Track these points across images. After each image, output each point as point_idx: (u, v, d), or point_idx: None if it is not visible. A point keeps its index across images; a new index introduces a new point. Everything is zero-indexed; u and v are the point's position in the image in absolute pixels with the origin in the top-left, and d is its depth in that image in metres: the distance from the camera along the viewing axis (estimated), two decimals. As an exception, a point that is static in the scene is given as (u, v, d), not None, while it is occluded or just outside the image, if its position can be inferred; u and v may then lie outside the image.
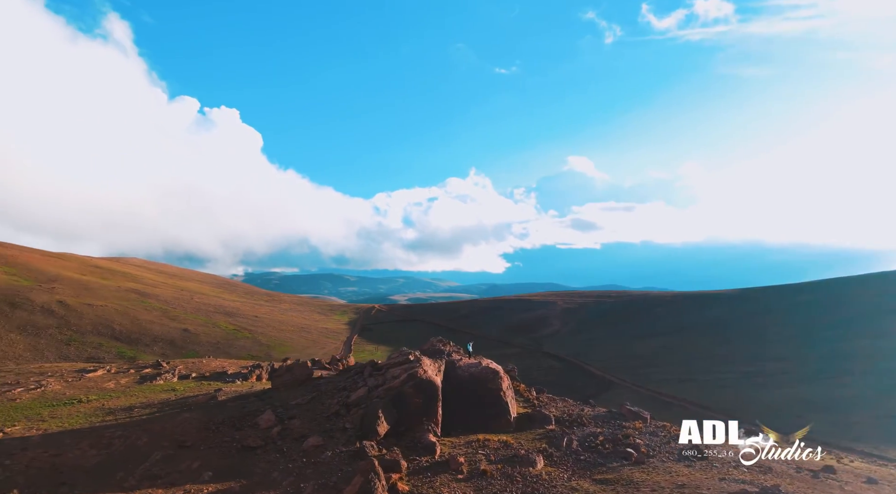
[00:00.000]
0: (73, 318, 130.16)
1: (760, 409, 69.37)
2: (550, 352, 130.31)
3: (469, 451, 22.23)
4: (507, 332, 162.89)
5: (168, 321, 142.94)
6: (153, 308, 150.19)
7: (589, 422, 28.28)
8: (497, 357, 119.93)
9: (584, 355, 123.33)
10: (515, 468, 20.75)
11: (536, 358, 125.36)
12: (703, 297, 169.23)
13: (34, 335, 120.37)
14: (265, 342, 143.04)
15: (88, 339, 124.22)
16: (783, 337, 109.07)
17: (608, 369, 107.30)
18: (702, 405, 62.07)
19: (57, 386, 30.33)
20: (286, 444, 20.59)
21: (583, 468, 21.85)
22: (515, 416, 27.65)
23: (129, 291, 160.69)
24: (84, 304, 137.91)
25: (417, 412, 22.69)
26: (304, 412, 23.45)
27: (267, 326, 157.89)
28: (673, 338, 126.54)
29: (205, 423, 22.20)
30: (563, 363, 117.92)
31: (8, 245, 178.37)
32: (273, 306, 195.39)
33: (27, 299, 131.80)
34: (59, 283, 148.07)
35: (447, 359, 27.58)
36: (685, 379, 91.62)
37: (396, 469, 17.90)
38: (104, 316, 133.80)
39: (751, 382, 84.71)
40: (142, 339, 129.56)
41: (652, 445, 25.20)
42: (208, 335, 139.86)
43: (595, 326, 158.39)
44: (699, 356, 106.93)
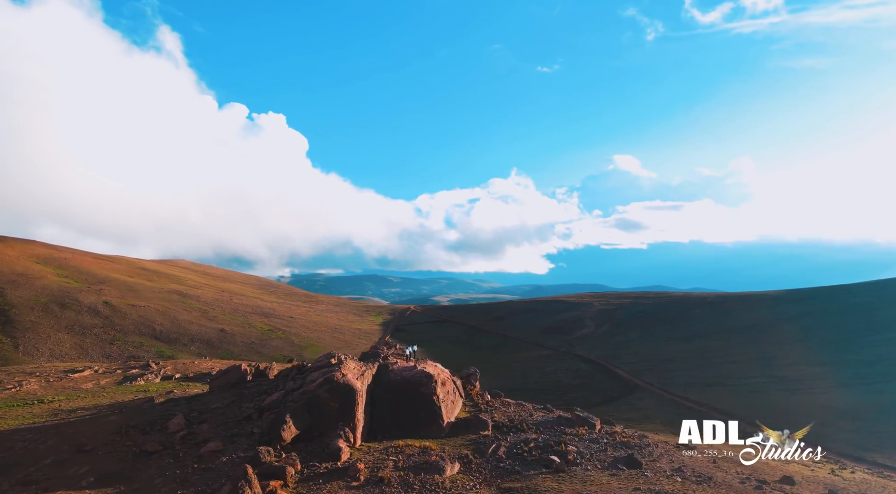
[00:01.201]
0: (118, 318, 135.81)
1: (783, 415, 65.82)
2: (581, 354, 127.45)
3: (381, 457, 21.87)
4: (541, 333, 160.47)
5: (206, 322, 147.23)
6: (193, 309, 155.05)
7: (530, 428, 27.58)
8: (527, 360, 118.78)
9: (614, 357, 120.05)
10: (420, 475, 20.30)
11: (566, 360, 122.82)
12: (746, 298, 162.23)
13: (80, 334, 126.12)
14: (298, 342, 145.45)
15: (130, 338, 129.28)
16: (827, 341, 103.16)
17: (636, 372, 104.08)
18: (721, 410, 59.09)
19: (34, 386, 31.42)
20: (184, 449, 20.51)
21: (496, 475, 21.32)
22: (452, 421, 27.09)
23: (172, 292, 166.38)
24: (128, 304, 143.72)
25: (334, 417, 22.21)
26: (217, 417, 23.36)
27: (301, 326, 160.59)
28: (710, 341, 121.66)
29: (119, 426, 22.42)
30: (592, 365, 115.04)
31: (61, 248, 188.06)
32: (309, 307, 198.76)
33: (76, 300, 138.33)
34: (106, 285, 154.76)
35: (380, 363, 26.92)
36: (714, 383, 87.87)
37: (280, 475, 17.50)
38: (146, 316, 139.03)
39: (781, 387, 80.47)
40: (180, 339, 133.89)
41: (585, 452, 24.47)
42: (244, 335, 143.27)
43: (630, 328, 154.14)
44: (734, 359, 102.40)
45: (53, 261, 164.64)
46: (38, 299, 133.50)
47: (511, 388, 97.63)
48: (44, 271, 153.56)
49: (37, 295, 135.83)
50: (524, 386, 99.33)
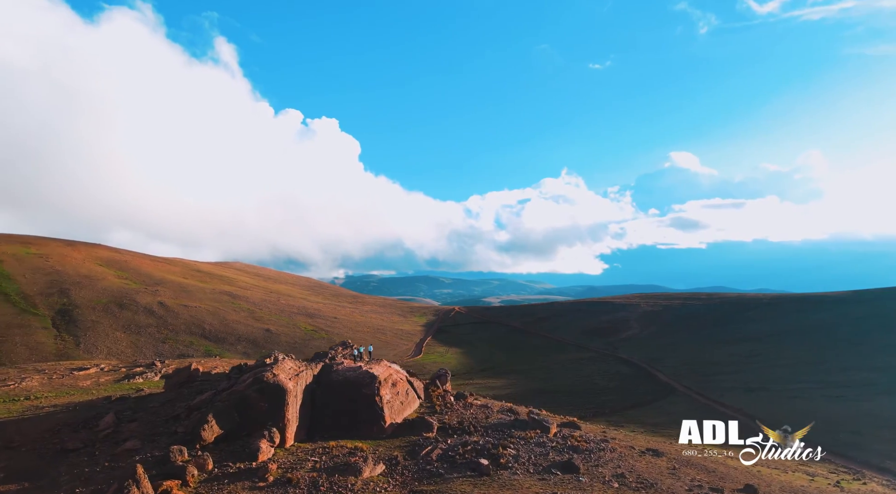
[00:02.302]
0: (171, 318, 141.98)
1: (818, 422, 61.32)
2: (622, 357, 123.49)
3: (303, 458, 22.10)
4: (584, 335, 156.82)
5: (253, 322, 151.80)
6: (241, 309, 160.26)
7: (478, 431, 27.25)
8: (566, 361, 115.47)
9: (656, 360, 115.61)
10: (334, 476, 20.26)
11: (605, 363, 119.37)
12: (806, 299, 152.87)
13: (136, 333, 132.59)
14: (339, 342, 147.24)
15: (181, 338, 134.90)
16: (889, 345, 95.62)
17: (677, 375, 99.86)
18: (752, 416, 55.51)
19: (34, 383, 33.14)
20: (103, 447, 20.88)
21: (417, 478, 21.21)
22: (398, 422, 27.01)
23: (222, 293, 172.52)
24: (181, 305, 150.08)
25: (263, 417, 22.18)
26: (148, 415, 23.70)
27: (344, 327, 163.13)
28: (761, 344, 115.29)
29: (56, 424, 23.05)
30: (632, 368, 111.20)
31: (123, 251, 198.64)
32: (354, 308, 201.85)
33: (133, 300, 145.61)
34: (162, 286, 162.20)
35: (325, 363, 26.66)
36: (756, 389, 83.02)
37: (179, 475, 17.40)
38: (197, 316, 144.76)
39: (826, 393, 75.13)
40: (227, 338, 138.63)
41: (523, 456, 24.08)
42: (288, 335, 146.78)
43: (677, 330, 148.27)
44: (783, 363, 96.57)
45: (115, 263, 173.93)
46: (100, 300, 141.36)
47: (543, 390, 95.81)
48: (106, 273, 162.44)
49: (98, 296, 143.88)
50: (557, 388, 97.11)
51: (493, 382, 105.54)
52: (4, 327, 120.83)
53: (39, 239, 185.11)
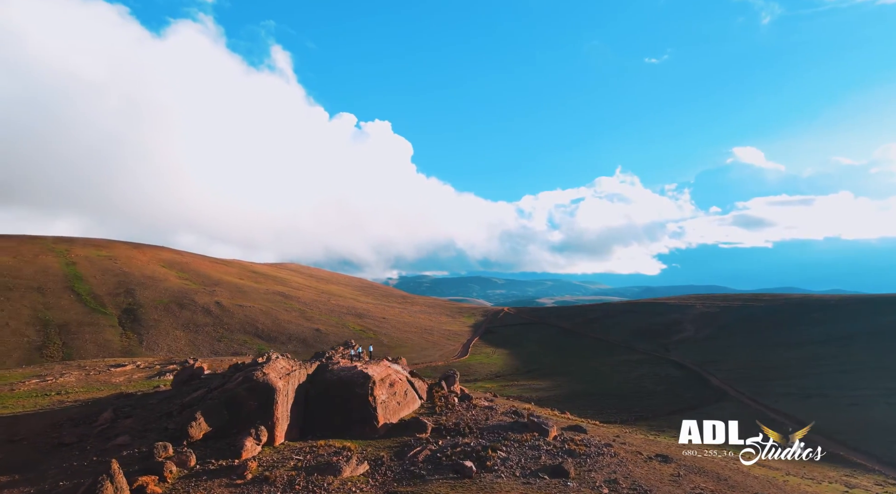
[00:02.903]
0: (226, 317, 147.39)
1: (871, 431, 57.41)
2: (674, 359, 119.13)
3: (288, 456, 22.45)
4: (635, 336, 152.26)
5: (304, 322, 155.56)
6: (293, 309, 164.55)
7: (473, 432, 26.96)
8: (615, 364, 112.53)
9: (710, 363, 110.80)
10: (313, 475, 20.41)
11: (656, 365, 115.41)
12: (878, 301, 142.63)
13: (194, 331, 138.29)
14: (387, 342, 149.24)
15: (236, 336, 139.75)
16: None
17: (731, 379, 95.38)
18: (801, 423, 52.02)
19: (71, 379, 34.96)
20: (95, 442, 21.50)
21: (397, 479, 21.21)
22: (393, 423, 27.07)
23: (276, 293, 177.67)
24: (236, 305, 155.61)
25: (252, 415, 22.42)
26: (145, 412, 24.26)
27: (392, 327, 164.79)
28: (823, 348, 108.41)
29: (61, 419, 23.91)
30: (683, 371, 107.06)
31: (184, 253, 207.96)
32: (403, 308, 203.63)
33: (192, 300, 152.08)
34: (219, 286, 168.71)
35: (321, 362, 26.53)
36: (813, 395, 78.15)
37: (157, 471, 17.86)
38: (251, 316, 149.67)
39: (890, 401, 69.63)
40: (279, 337, 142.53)
41: (512, 459, 23.78)
42: (336, 334, 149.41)
43: (734, 332, 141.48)
44: (846, 369, 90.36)
45: (177, 265, 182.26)
46: (161, 300, 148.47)
47: (589, 393, 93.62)
48: (168, 274, 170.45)
49: (160, 296, 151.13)
50: (603, 391, 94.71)
51: (538, 383, 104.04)
52: (76, 325, 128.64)
53: (109, 242, 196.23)
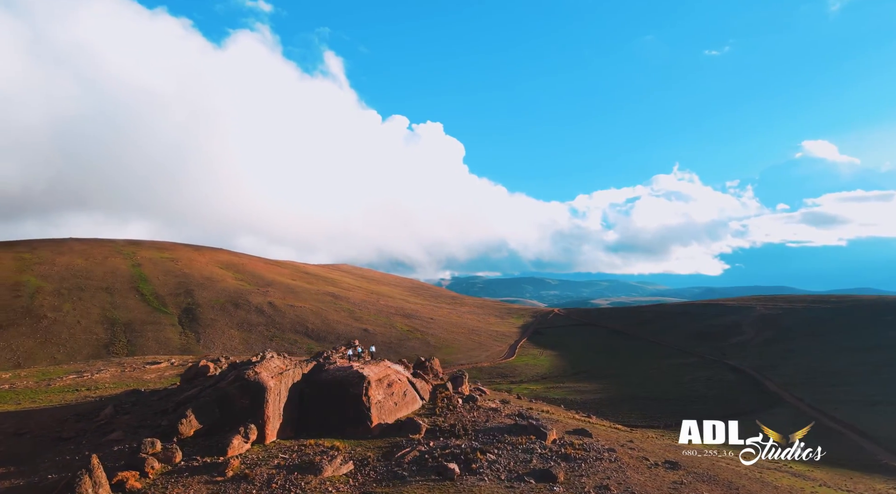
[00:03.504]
0: (278, 317, 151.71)
1: None
2: (731, 363, 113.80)
3: (274, 454, 22.75)
4: (690, 339, 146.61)
5: (352, 322, 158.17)
6: (342, 309, 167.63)
7: (468, 434, 26.60)
8: (667, 367, 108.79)
9: (769, 368, 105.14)
10: (294, 474, 20.52)
11: (710, 369, 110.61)
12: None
13: (247, 330, 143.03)
14: (433, 342, 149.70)
15: (287, 336, 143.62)
16: None
17: (790, 385, 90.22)
18: (862, 432, 48.15)
19: (105, 375, 36.59)
20: (92, 437, 22.08)
21: (378, 480, 21.25)
22: (388, 423, 26.91)
23: (326, 294, 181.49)
24: (288, 305, 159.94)
25: (243, 414, 22.66)
26: (142, 409, 24.76)
27: (439, 328, 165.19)
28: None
29: (70, 415, 24.75)
30: (739, 375, 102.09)
31: (241, 255, 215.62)
32: (452, 309, 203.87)
33: (247, 300, 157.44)
34: (272, 287, 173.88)
35: (318, 362, 26.39)
36: (879, 402, 72.82)
37: (139, 467, 18.04)
38: (301, 316, 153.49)
39: None
40: (328, 337, 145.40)
41: (501, 462, 23.45)
42: (384, 335, 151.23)
43: (797, 335, 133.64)
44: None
45: (233, 266, 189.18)
46: (218, 300, 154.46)
47: (635, 396, 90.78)
48: (225, 275, 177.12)
49: (217, 296, 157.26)
50: (650, 394, 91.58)
51: (583, 386, 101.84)
52: (140, 323, 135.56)
53: (172, 244, 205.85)
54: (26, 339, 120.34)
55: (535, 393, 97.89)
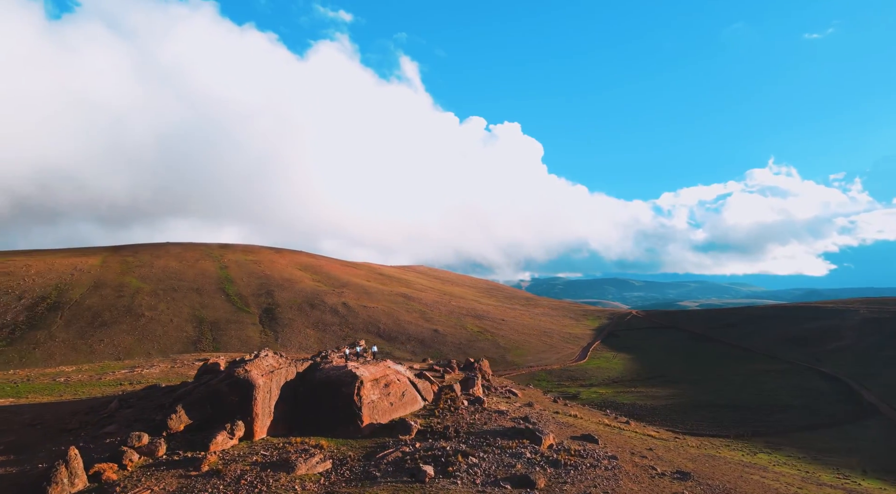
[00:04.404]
0: (351, 317, 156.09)
1: None
2: (825, 371, 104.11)
3: (255, 451, 22.83)
4: (780, 344, 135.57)
5: (423, 322, 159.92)
6: (414, 310, 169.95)
7: (459, 436, 26.01)
8: (751, 373, 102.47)
9: (869, 376, 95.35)
10: (266, 471, 20.68)
11: (800, 377, 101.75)
12: None
13: (322, 330, 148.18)
14: (503, 344, 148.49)
15: (359, 335, 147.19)
16: None
17: (890, 395, 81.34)
18: None
19: (154, 370, 38.73)
20: (91, 430, 23.06)
21: (350, 480, 21.13)
22: (382, 423, 26.78)
23: (399, 295, 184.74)
24: (361, 305, 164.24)
25: (232, 410, 23.03)
26: (146, 403, 25.39)
27: (510, 329, 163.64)
28: None
29: (81, 408, 25.89)
30: (833, 384, 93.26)
31: (319, 257, 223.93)
32: (525, 310, 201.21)
33: (322, 301, 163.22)
34: (347, 288, 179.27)
35: (314, 361, 26.08)
36: None
37: (117, 459, 18.47)
38: (373, 316, 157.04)
39: None
40: (399, 337, 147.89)
41: (480, 466, 22.85)
42: (454, 335, 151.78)
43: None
44: None
45: (311, 268, 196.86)
46: (295, 300, 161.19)
47: (709, 404, 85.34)
48: (303, 277, 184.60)
49: (295, 297, 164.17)
50: (726, 403, 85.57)
51: (656, 391, 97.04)
52: (224, 322, 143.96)
53: (256, 247, 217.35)
54: (127, 335, 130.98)
55: (604, 397, 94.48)
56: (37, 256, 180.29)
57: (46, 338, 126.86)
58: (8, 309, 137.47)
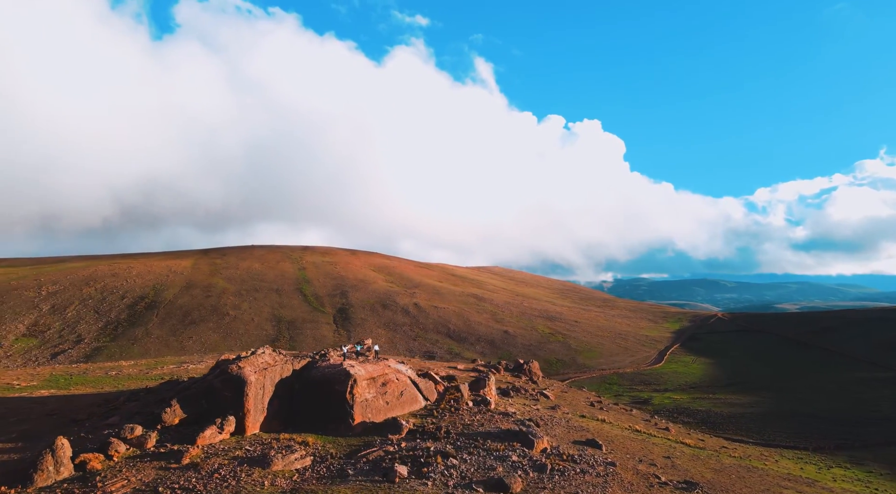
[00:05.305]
0: (422, 318, 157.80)
1: None
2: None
3: (239, 446, 22.80)
4: (888, 351, 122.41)
5: (493, 323, 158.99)
6: (485, 311, 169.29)
7: (449, 437, 25.55)
8: (850, 382, 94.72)
9: None
10: (243, 466, 21.01)
11: None
12: None
13: (393, 330, 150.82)
14: (575, 346, 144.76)
15: (429, 336, 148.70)
16: None
17: None
18: None
19: (200, 366, 40.43)
20: (96, 421, 23.69)
21: (323, 478, 21.22)
22: (375, 421, 26.67)
23: (470, 295, 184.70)
24: (432, 306, 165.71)
25: (226, 406, 23.35)
26: (149, 397, 26.07)
27: (583, 331, 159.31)
28: None
29: (100, 400, 26.88)
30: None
31: (392, 258, 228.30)
32: (601, 312, 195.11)
33: (394, 301, 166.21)
34: (419, 288, 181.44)
35: (311, 359, 25.80)
36: None
37: (104, 449, 19.16)
38: (444, 317, 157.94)
39: None
40: (468, 338, 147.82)
41: (462, 468, 22.37)
42: (524, 337, 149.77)
43: None
44: None
45: (384, 269, 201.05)
46: (368, 301, 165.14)
47: (793, 413, 79.07)
48: (376, 278, 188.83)
49: (368, 297, 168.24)
50: (813, 413, 78.58)
51: (735, 398, 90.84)
52: (301, 322, 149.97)
53: (333, 249, 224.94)
54: (212, 333, 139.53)
55: (678, 403, 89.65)
56: (138, 258, 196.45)
57: (143, 335, 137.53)
58: (112, 308, 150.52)
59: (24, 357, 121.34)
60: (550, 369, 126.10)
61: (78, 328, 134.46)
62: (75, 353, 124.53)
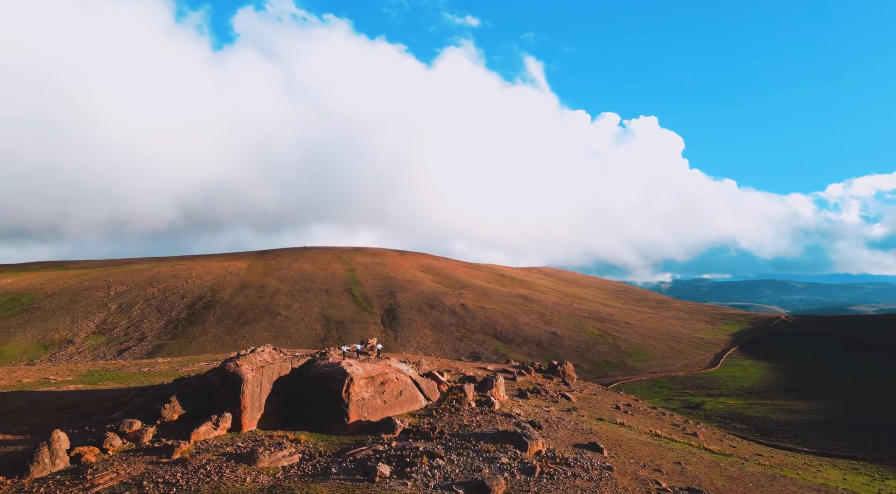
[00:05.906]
0: (469, 318, 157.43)
1: None
2: None
3: (231, 442, 22.81)
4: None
5: (541, 324, 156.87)
6: (533, 312, 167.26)
7: (442, 437, 25.27)
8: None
9: None
10: (230, 462, 21.22)
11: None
12: None
13: (440, 330, 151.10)
14: (625, 348, 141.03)
15: (476, 337, 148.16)
16: None
17: None
18: None
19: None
20: (101, 415, 24.16)
21: (306, 475, 21.17)
22: (371, 420, 26.49)
23: (518, 296, 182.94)
24: (479, 307, 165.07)
25: (223, 403, 23.84)
26: (155, 393, 26.36)
27: (634, 333, 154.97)
28: None
29: (112, 395, 27.49)
30: None
31: (440, 259, 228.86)
32: (654, 313, 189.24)
33: (441, 302, 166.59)
34: (466, 289, 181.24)
35: (311, 357, 25.74)
36: None
37: (100, 444, 19.64)
38: (491, 318, 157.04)
39: None
40: (515, 339, 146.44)
41: (446, 469, 21.91)
42: (572, 338, 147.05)
43: None
44: None
45: (433, 270, 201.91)
46: (416, 301, 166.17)
47: (854, 422, 74.92)
48: (425, 278, 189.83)
49: (416, 298, 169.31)
50: (877, 422, 74.19)
51: (795, 405, 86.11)
52: (349, 321, 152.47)
53: (382, 250, 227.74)
54: (265, 332, 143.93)
55: (732, 409, 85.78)
56: (198, 260, 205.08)
57: (200, 333, 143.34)
58: (173, 307, 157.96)
59: (94, 354, 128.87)
60: (598, 371, 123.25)
61: (142, 326, 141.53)
62: (139, 350, 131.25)
